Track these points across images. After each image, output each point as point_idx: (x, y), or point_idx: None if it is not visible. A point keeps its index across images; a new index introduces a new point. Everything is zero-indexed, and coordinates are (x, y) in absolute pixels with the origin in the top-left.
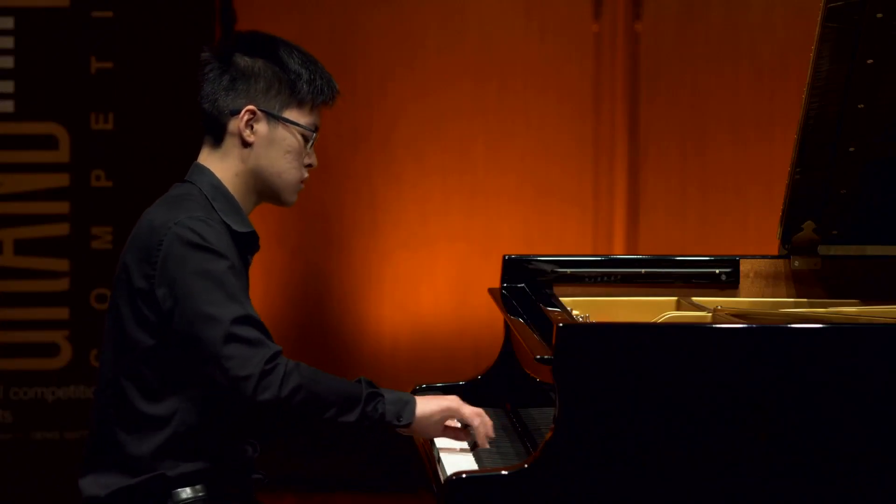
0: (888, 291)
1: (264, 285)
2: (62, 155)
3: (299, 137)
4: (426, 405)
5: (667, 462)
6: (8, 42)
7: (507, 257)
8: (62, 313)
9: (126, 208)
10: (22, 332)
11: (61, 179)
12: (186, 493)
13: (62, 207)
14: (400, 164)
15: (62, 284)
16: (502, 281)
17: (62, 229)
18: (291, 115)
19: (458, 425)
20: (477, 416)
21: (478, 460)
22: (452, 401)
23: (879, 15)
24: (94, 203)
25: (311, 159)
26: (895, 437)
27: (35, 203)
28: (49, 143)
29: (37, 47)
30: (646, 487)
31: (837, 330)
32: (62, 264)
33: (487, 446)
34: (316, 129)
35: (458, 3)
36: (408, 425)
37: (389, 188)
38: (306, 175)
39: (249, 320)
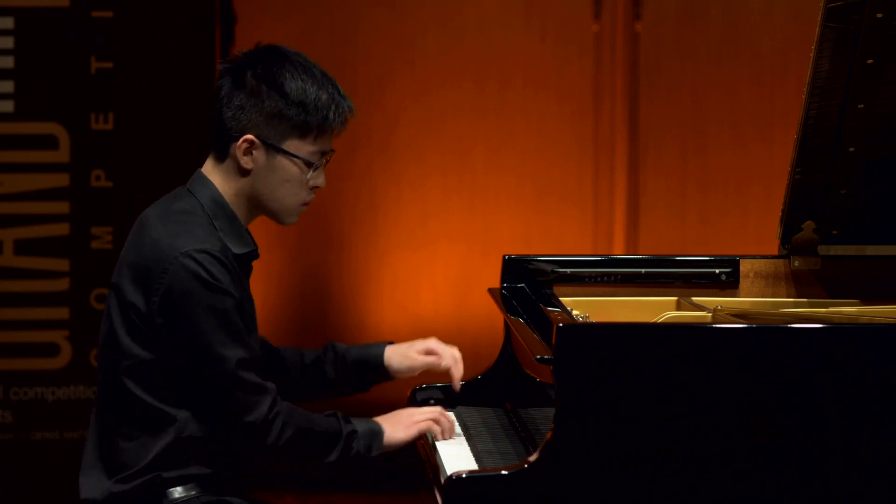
0: (888, 291)
1: (264, 285)
2: (62, 155)
3: (301, 166)
4: (394, 433)
5: (666, 462)
6: (8, 42)
7: (507, 257)
8: (62, 313)
9: (126, 208)
10: (22, 332)
11: (61, 179)
12: (178, 491)
13: (62, 207)
14: (400, 164)
15: (62, 284)
16: (502, 281)
17: (62, 229)
18: (292, 145)
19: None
20: (430, 421)
21: (478, 460)
22: (410, 425)
23: (879, 15)
24: (94, 203)
25: (318, 181)
26: (895, 436)
27: (35, 203)
28: (49, 143)
29: (37, 47)
30: (646, 487)
31: (837, 330)
32: (62, 264)
33: (450, 437)
34: (323, 154)
35: (458, 3)
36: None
37: (389, 188)
38: (311, 197)
39: (252, 364)
